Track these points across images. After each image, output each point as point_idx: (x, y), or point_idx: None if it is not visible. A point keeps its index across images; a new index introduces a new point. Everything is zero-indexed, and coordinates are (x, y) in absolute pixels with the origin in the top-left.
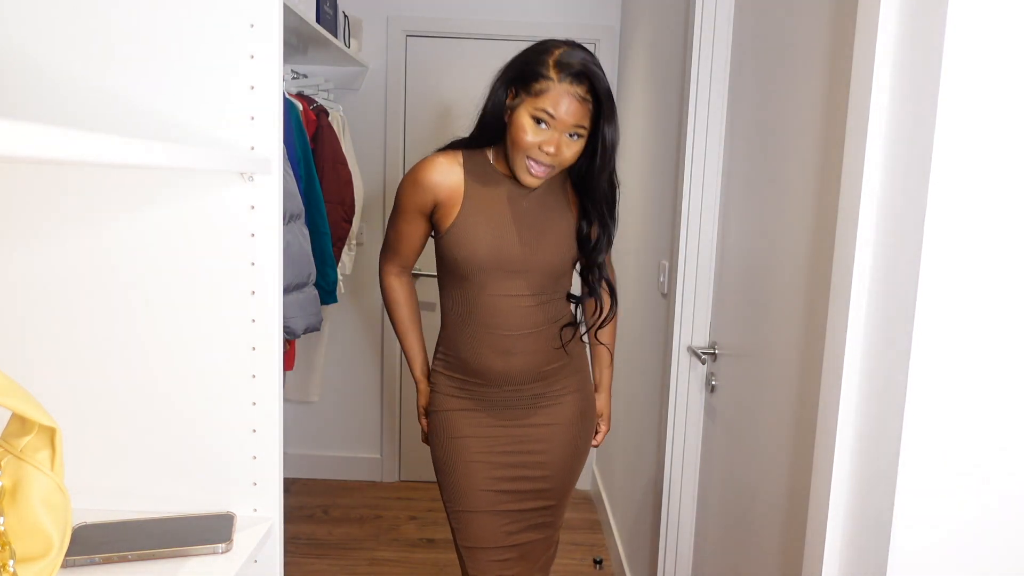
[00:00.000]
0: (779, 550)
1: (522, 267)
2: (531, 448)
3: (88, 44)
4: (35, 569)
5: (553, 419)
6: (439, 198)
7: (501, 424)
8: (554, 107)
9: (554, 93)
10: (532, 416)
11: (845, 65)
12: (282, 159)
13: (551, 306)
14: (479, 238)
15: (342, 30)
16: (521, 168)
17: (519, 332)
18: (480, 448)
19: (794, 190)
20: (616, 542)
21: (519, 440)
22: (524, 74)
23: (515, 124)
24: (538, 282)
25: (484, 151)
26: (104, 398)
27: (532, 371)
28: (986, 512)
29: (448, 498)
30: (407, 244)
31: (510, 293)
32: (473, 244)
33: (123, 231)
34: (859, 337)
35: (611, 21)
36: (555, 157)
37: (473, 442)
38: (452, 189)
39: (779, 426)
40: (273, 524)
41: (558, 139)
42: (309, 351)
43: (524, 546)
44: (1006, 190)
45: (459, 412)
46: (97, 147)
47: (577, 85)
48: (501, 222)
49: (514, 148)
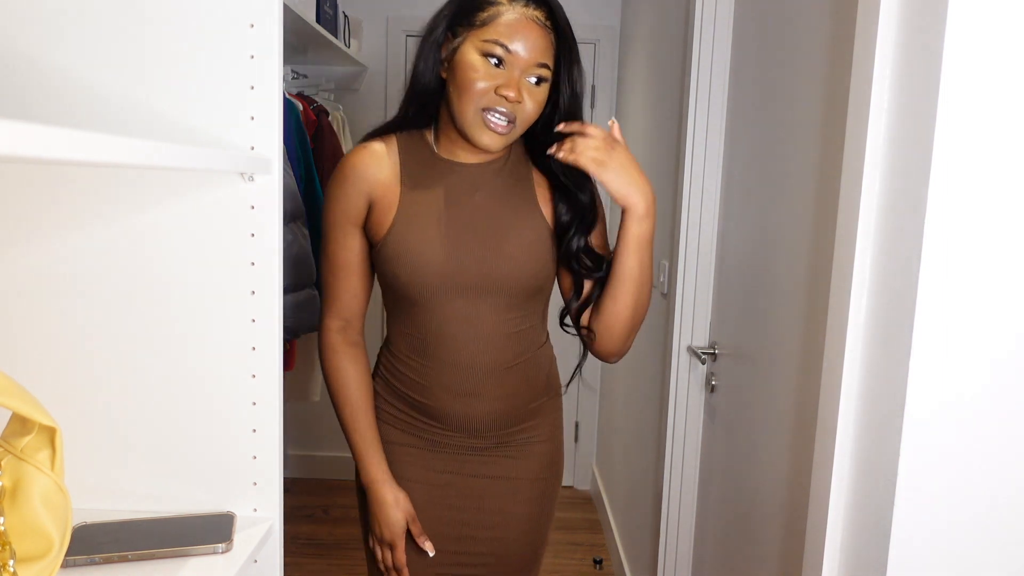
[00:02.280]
0: (779, 550)
1: (482, 283)
2: (486, 505)
3: (87, 44)
4: (35, 569)
5: (516, 472)
6: (373, 196)
7: (451, 471)
8: (508, 36)
9: (506, 18)
10: (490, 466)
11: (845, 65)
12: (282, 159)
13: (526, 335)
14: (423, 248)
15: (342, 30)
16: (475, 124)
17: (484, 369)
18: (423, 497)
19: (794, 190)
20: (616, 542)
21: (471, 494)
22: (466, 5)
23: (460, 66)
24: (505, 302)
25: (422, 133)
26: (104, 398)
27: (499, 419)
28: (986, 512)
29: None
30: (346, 279)
31: (470, 318)
32: (416, 257)
33: (122, 231)
34: (859, 337)
35: (611, 21)
36: (517, 105)
37: (416, 488)
38: (386, 185)
39: (779, 426)
40: (273, 524)
41: (517, 80)
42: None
43: None
44: (1006, 190)
45: (401, 447)
46: (96, 147)
47: (534, 7)
48: (451, 225)
49: (462, 99)
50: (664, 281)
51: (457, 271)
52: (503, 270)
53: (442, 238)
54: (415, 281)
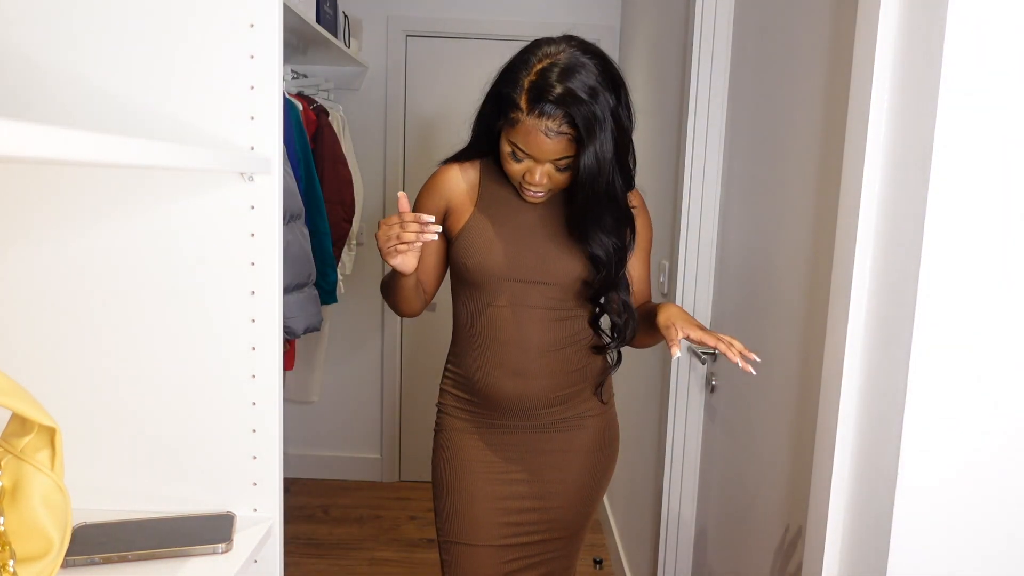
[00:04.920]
0: (779, 550)
1: (538, 275)
2: (544, 477)
3: (88, 44)
4: (35, 569)
5: (570, 445)
6: (452, 203)
7: (512, 447)
8: (524, 144)
9: (523, 128)
10: (547, 442)
11: (845, 65)
12: (282, 159)
13: (570, 324)
14: (492, 242)
15: (342, 30)
16: (518, 188)
17: (535, 351)
18: (487, 474)
19: (794, 190)
20: (616, 542)
21: (531, 468)
22: (501, 97)
23: (500, 149)
24: (556, 294)
25: None
26: (104, 398)
27: (546, 398)
28: (985, 513)
29: (443, 527)
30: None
31: (526, 304)
32: (485, 249)
33: (123, 231)
34: (859, 337)
35: (611, 20)
36: (544, 184)
37: (479, 467)
38: (463, 195)
39: (779, 426)
40: (273, 524)
41: (540, 170)
42: (309, 351)
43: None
44: (1006, 190)
45: (466, 433)
46: (97, 147)
47: (549, 119)
48: (515, 226)
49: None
50: (664, 281)
51: (514, 264)
52: (556, 266)
53: (505, 236)
54: (479, 268)
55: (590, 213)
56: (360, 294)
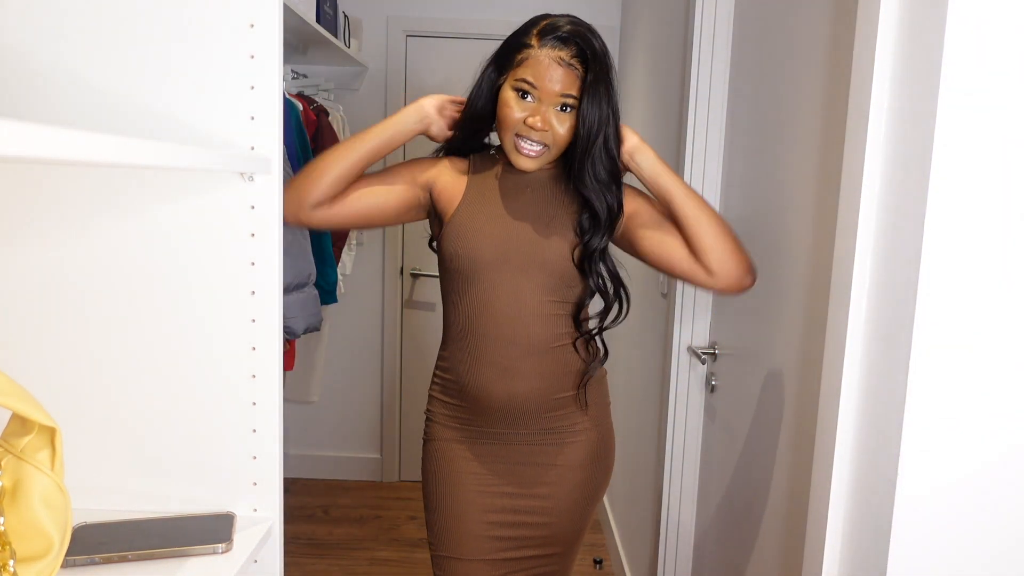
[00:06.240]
0: (779, 550)
1: (529, 259)
2: (536, 492)
3: (88, 44)
4: (35, 569)
5: (562, 459)
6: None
7: (503, 460)
8: (535, 75)
9: (534, 60)
10: (538, 455)
11: (845, 64)
12: (282, 159)
13: (561, 321)
14: (479, 228)
15: (342, 30)
16: (511, 149)
17: (525, 346)
18: (477, 487)
19: (794, 189)
20: (616, 542)
21: (523, 483)
22: (508, 48)
23: (501, 102)
24: (545, 282)
25: None
26: (104, 398)
27: (536, 402)
28: (986, 512)
29: (435, 541)
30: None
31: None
32: (472, 235)
33: (122, 231)
34: (859, 337)
35: (611, 20)
36: (545, 133)
37: (470, 480)
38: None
39: (779, 426)
40: (273, 524)
41: (545, 111)
42: (309, 351)
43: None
44: (1006, 189)
45: (455, 443)
46: (97, 147)
47: (561, 49)
48: (505, 213)
49: (502, 128)
50: (664, 281)
51: (505, 250)
52: (547, 252)
53: (494, 223)
54: (470, 256)
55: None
56: (360, 294)
